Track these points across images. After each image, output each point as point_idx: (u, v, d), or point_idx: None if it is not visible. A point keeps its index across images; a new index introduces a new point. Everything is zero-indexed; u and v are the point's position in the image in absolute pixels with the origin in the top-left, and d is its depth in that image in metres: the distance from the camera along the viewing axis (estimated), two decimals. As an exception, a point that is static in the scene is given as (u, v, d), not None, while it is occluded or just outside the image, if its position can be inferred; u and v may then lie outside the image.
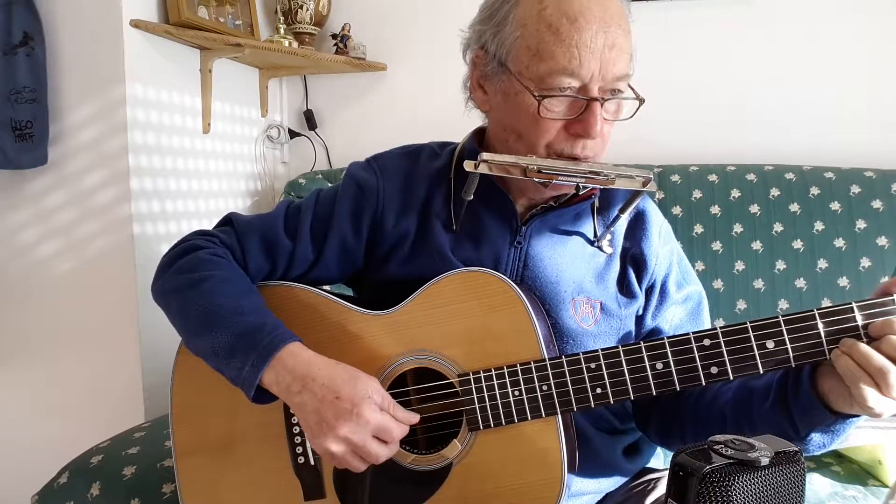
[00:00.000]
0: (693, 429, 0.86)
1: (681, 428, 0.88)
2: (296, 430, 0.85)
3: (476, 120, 0.97)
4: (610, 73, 0.79)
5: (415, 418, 0.79)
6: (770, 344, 0.74)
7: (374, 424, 0.74)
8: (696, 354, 0.75)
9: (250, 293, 0.86)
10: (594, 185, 0.83)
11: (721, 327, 0.75)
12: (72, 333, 1.62)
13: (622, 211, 0.90)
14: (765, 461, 0.54)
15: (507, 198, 0.90)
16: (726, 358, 0.75)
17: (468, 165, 0.83)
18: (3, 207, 1.62)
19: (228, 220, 0.95)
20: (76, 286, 1.60)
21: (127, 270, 1.56)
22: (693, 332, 0.76)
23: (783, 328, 0.73)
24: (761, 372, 0.74)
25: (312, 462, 0.84)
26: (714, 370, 0.75)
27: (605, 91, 0.80)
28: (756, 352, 0.74)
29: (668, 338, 0.77)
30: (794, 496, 0.56)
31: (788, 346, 0.73)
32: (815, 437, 0.76)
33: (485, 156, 0.82)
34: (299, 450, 0.85)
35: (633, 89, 0.84)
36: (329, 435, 0.74)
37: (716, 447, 0.56)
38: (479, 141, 0.95)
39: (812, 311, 0.73)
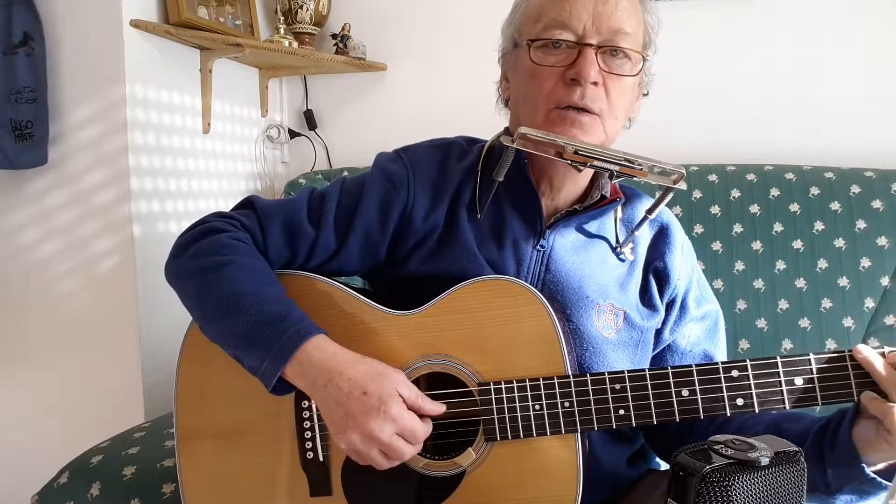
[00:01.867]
0: None
1: None
2: (306, 424, 0.84)
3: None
4: (605, 26, 0.81)
5: (441, 408, 0.78)
6: (799, 381, 0.74)
7: (401, 423, 0.73)
8: (724, 385, 0.75)
9: (273, 282, 0.84)
10: (627, 175, 0.82)
11: (751, 359, 0.75)
12: (72, 333, 1.62)
13: (650, 211, 0.90)
14: (765, 461, 0.54)
15: (534, 194, 0.89)
16: (753, 391, 0.75)
17: (505, 140, 0.82)
18: (3, 207, 1.61)
19: (250, 203, 0.92)
20: (76, 286, 1.60)
21: (127, 270, 1.56)
22: (721, 362, 0.76)
23: (813, 366, 0.74)
24: (787, 408, 0.74)
25: (321, 458, 0.83)
26: (740, 402, 0.75)
27: (605, 47, 0.82)
28: (784, 388, 0.74)
29: (697, 366, 0.77)
30: (794, 496, 0.56)
31: (817, 384, 0.73)
32: (845, 496, 0.76)
33: (523, 129, 0.80)
34: (308, 444, 0.84)
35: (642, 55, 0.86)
36: (355, 430, 0.73)
37: (716, 447, 0.56)
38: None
39: (844, 351, 0.74)
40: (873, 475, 0.73)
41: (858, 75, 1.67)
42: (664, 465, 1.00)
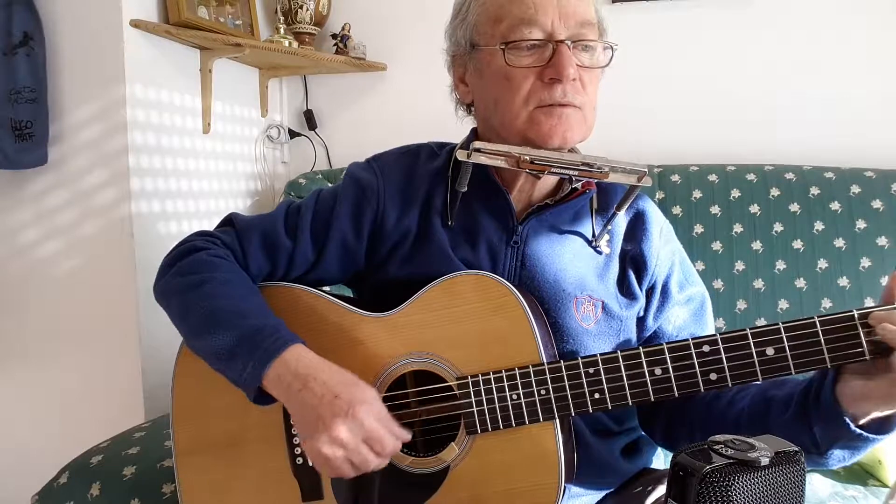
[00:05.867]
0: (703, 434, 0.85)
1: (689, 433, 0.87)
2: (295, 430, 0.85)
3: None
4: (571, 19, 0.82)
5: (407, 436, 0.77)
6: (770, 351, 0.73)
7: (367, 428, 0.73)
8: (696, 361, 0.75)
9: (252, 294, 0.86)
10: (587, 179, 0.83)
11: (721, 333, 0.75)
12: (72, 333, 1.62)
13: (619, 208, 0.90)
14: (765, 461, 0.54)
15: (502, 193, 0.90)
16: (725, 364, 0.74)
17: (461, 155, 0.83)
18: (3, 207, 1.61)
19: (229, 221, 0.95)
20: (76, 286, 1.60)
21: (127, 270, 1.56)
22: (692, 338, 0.76)
23: (783, 335, 0.73)
24: (760, 380, 0.74)
25: (311, 463, 0.84)
26: (713, 377, 0.75)
27: (577, 42, 0.83)
28: (756, 359, 0.73)
29: (668, 343, 0.76)
30: (794, 496, 0.56)
31: (788, 353, 0.73)
32: (836, 453, 0.76)
33: (477, 144, 0.82)
34: (298, 451, 0.85)
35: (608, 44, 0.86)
36: (323, 435, 0.72)
37: (716, 447, 0.56)
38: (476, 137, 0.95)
39: (812, 318, 0.73)
40: (860, 430, 0.72)
41: (858, 75, 1.67)
42: (657, 460, 1.01)
